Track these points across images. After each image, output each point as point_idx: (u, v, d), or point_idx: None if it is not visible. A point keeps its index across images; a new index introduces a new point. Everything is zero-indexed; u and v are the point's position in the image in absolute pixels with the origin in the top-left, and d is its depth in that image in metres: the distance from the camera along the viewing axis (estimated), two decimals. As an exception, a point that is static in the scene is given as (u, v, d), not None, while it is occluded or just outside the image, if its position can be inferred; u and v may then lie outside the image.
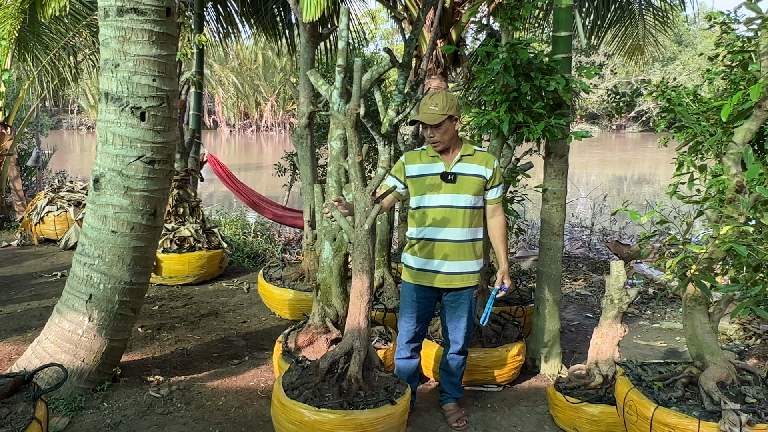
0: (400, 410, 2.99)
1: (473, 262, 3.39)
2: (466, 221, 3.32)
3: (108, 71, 3.52)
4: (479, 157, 3.37)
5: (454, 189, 3.31)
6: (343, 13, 3.66)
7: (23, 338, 4.59)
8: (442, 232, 3.32)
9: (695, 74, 28.46)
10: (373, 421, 2.84)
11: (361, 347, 3.09)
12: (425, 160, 3.39)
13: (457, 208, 3.31)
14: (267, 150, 33.85)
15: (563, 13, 4.20)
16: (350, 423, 2.82)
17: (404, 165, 3.41)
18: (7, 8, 7.94)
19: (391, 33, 35.72)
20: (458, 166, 3.33)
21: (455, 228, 3.31)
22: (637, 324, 5.62)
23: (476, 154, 3.38)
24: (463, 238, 3.34)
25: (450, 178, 3.31)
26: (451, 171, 3.32)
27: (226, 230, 8.64)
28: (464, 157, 3.35)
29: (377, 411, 2.88)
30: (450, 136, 3.32)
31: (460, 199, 3.31)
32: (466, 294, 3.43)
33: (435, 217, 3.32)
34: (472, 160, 3.35)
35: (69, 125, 42.96)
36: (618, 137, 41.82)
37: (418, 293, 3.43)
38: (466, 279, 3.39)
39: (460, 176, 3.31)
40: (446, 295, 3.46)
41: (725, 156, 2.95)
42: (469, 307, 3.46)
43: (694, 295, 3.04)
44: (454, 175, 3.31)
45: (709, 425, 2.66)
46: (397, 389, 3.08)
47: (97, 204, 3.65)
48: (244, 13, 9.03)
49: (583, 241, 9.42)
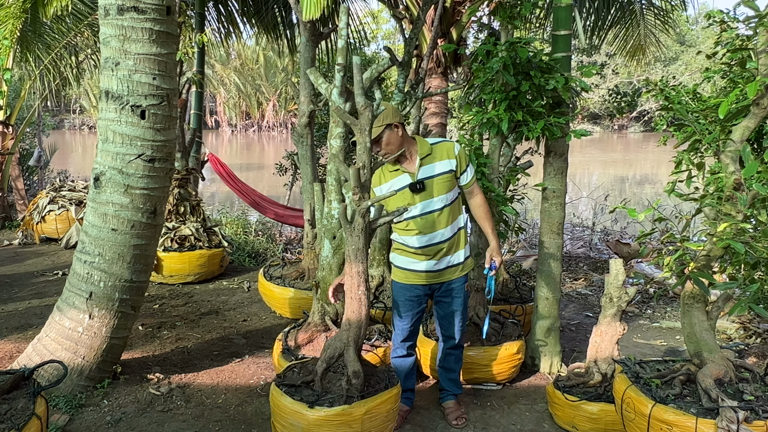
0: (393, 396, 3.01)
1: (459, 253, 3.41)
2: (448, 219, 3.33)
3: (108, 70, 3.53)
4: (439, 151, 3.29)
5: (428, 194, 3.26)
6: (343, 12, 3.67)
7: (24, 336, 4.60)
8: (428, 237, 3.31)
9: (697, 74, 28.41)
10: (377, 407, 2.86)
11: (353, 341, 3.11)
12: (389, 177, 3.32)
13: (437, 211, 3.29)
14: (268, 150, 33.89)
15: (563, 12, 4.21)
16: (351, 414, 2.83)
17: (372, 189, 3.30)
18: (9, 8, 7.96)
19: (392, 33, 35.74)
20: (423, 171, 3.26)
21: (439, 230, 3.31)
22: (637, 323, 5.62)
23: (434, 149, 3.29)
24: (449, 236, 3.35)
25: (419, 187, 3.25)
26: (417, 180, 3.25)
27: (227, 229, 8.65)
28: (424, 159, 3.27)
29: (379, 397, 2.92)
30: (397, 143, 3.21)
31: (436, 203, 3.28)
32: (458, 287, 3.44)
33: (421, 224, 3.30)
34: (433, 158, 3.28)
35: (71, 125, 43.04)
36: (620, 137, 41.78)
37: (410, 291, 3.43)
38: (455, 270, 3.41)
39: (428, 181, 3.26)
40: (438, 290, 3.46)
41: (723, 154, 2.96)
42: (462, 300, 3.47)
43: (692, 292, 3.04)
44: (422, 182, 3.25)
45: (707, 422, 2.66)
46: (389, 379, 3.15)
47: (97, 202, 3.66)
48: (245, 13, 9.05)
49: (584, 241, 9.42)
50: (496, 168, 4.21)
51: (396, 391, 3.08)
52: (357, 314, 3.02)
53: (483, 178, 4.01)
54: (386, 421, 3.02)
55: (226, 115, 45.65)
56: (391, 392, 3.03)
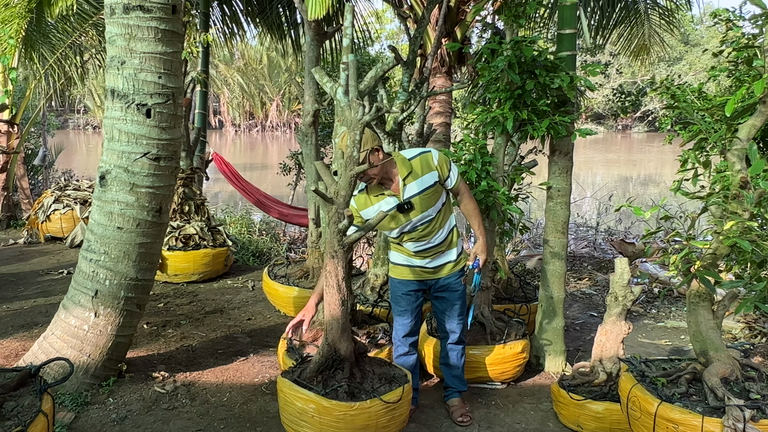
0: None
1: (453, 251, 3.47)
2: (441, 222, 3.39)
3: (114, 68, 3.54)
4: (418, 166, 3.25)
5: (418, 210, 3.28)
6: (348, 11, 3.66)
7: (29, 334, 4.61)
8: (426, 242, 3.38)
9: (702, 74, 28.34)
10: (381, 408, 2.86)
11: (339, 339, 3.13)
12: (374, 201, 3.30)
13: (430, 220, 3.34)
14: (272, 149, 33.91)
15: (568, 11, 4.20)
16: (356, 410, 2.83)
17: (358, 211, 3.31)
18: (14, 7, 7.98)
19: (396, 33, 35.73)
20: (408, 190, 3.24)
21: (434, 235, 3.38)
22: (642, 323, 5.61)
23: (414, 165, 3.25)
24: (444, 237, 3.42)
25: (407, 207, 3.25)
26: (404, 201, 3.25)
27: (231, 229, 8.67)
28: (407, 179, 3.24)
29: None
30: (380, 167, 3.19)
31: (427, 215, 3.31)
32: (454, 282, 3.48)
33: (416, 235, 3.36)
34: (416, 175, 3.24)
35: (75, 125, 43.11)
36: (624, 137, 41.69)
37: (406, 286, 3.50)
38: (450, 267, 3.47)
39: (415, 199, 3.25)
40: (435, 286, 3.50)
41: (729, 152, 2.95)
42: (459, 294, 3.51)
43: (698, 291, 3.03)
44: (409, 202, 3.25)
45: (713, 421, 2.66)
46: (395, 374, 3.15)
47: (103, 201, 3.67)
48: (249, 13, 9.05)
49: (589, 241, 9.41)
50: (500, 167, 4.21)
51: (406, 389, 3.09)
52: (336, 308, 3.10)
53: (488, 177, 4.01)
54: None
55: (229, 115, 45.67)
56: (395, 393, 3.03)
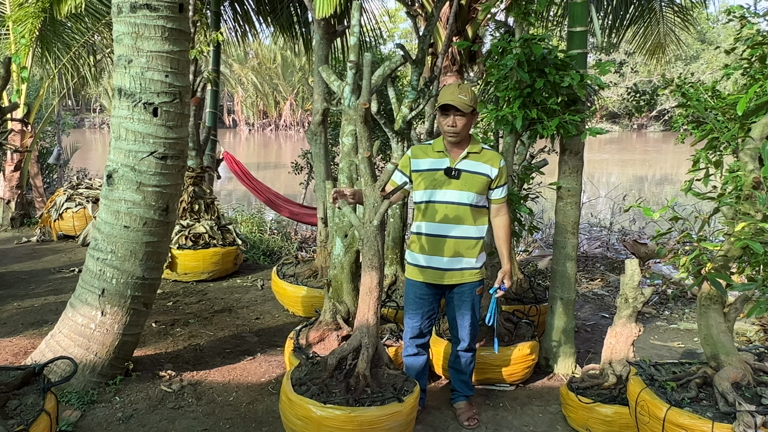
0: (408, 408, 2.96)
1: (475, 259, 3.37)
2: (472, 218, 3.31)
3: (121, 67, 3.54)
4: (486, 156, 3.34)
5: (458, 186, 3.28)
6: (355, 9, 3.65)
7: (39, 332, 4.64)
8: (448, 228, 3.31)
9: (719, 72, 28.04)
10: (379, 419, 2.83)
11: (369, 344, 3.07)
12: (432, 155, 3.37)
13: (462, 205, 3.29)
14: (285, 148, 34.00)
15: (579, 8, 4.14)
16: (356, 420, 2.80)
17: (410, 159, 3.39)
18: (28, 7, 8.05)
19: (409, 32, 35.69)
20: (463, 163, 3.31)
21: (461, 225, 3.30)
22: (654, 324, 5.54)
23: (484, 152, 3.35)
24: (469, 235, 3.32)
25: (454, 174, 3.28)
26: (455, 167, 3.29)
27: (242, 228, 8.68)
28: (471, 155, 3.32)
29: (384, 408, 2.86)
30: (468, 129, 3.30)
31: (463, 196, 3.28)
32: (469, 291, 3.40)
33: (441, 212, 3.31)
34: (479, 158, 3.32)
35: (91, 124, 43.50)
36: (639, 136, 41.35)
37: (422, 290, 3.42)
38: (468, 275, 3.37)
39: (465, 173, 3.29)
40: (449, 292, 3.44)
41: (742, 151, 2.89)
42: (472, 304, 3.42)
43: (709, 293, 2.98)
44: (459, 171, 3.29)
45: (723, 427, 2.60)
46: (406, 387, 3.06)
47: (110, 199, 3.67)
48: (261, 12, 9.05)
49: (602, 241, 9.32)
50: (510, 166, 4.16)
51: (413, 402, 3.04)
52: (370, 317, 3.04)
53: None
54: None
55: (243, 114, 45.90)
56: (405, 404, 2.98)
